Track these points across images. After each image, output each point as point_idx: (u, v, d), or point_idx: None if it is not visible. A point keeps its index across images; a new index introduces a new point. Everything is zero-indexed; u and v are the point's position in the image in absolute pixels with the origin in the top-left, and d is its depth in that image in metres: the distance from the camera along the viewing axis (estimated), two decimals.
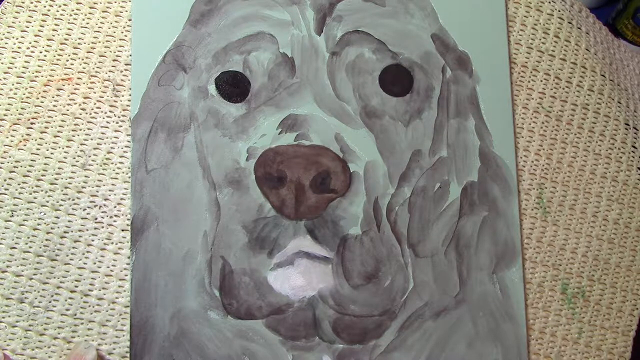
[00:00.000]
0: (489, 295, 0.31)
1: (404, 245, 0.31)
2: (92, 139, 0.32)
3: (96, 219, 0.31)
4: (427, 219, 0.31)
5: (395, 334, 0.31)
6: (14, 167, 0.31)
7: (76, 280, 0.31)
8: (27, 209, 0.31)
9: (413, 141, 0.32)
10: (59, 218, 0.31)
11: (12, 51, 0.32)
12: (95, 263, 0.31)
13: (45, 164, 0.31)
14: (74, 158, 0.31)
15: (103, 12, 0.32)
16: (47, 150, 0.31)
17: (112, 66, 0.32)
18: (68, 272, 0.31)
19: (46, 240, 0.31)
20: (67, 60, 0.32)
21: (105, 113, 0.32)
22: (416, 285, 0.31)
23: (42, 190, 0.31)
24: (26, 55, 0.32)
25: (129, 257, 0.31)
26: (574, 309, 0.32)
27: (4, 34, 0.32)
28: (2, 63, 0.32)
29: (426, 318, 0.31)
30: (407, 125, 0.32)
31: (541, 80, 0.34)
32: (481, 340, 0.31)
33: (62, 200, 0.31)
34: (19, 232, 0.31)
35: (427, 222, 0.31)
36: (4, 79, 0.32)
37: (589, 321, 0.32)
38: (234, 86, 0.32)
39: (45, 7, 0.32)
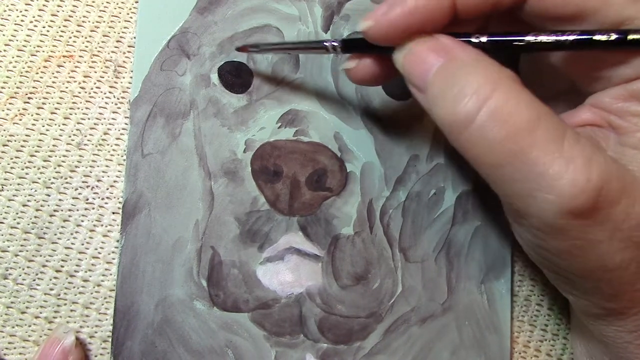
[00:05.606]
0: (476, 304, 0.32)
1: (395, 248, 0.32)
2: (89, 119, 0.32)
3: (87, 199, 0.31)
4: (420, 224, 0.32)
5: (380, 337, 0.31)
6: (8, 140, 0.31)
7: (62, 260, 0.31)
8: (18, 184, 0.31)
9: (411, 145, 0.32)
10: (49, 196, 0.31)
11: (15, 24, 0.32)
12: (83, 244, 0.31)
13: (39, 140, 0.31)
14: (70, 136, 0.32)
15: None
16: (43, 126, 0.31)
17: (115, 47, 0.32)
18: (55, 251, 0.31)
19: (35, 217, 0.31)
20: (70, 38, 0.32)
21: (105, 93, 0.32)
22: (404, 289, 0.31)
23: (34, 167, 0.31)
24: (28, 29, 0.32)
25: (117, 241, 0.31)
26: (559, 325, 0.32)
27: (7, 6, 0.32)
28: (3, 35, 0.32)
29: (412, 323, 0.31)
30: (407, 129, 0.32)
31: None
32: (465, 349, 0.31)
33: (54, 178, 0.31)
34: (7, 207, 0.31)
35: (419, 227, 0.32)
36: (4, 51, 0.32)
37: None
38: (236, 76, 0.32)
39: None
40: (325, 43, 0.28)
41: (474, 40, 0.24)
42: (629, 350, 0.26)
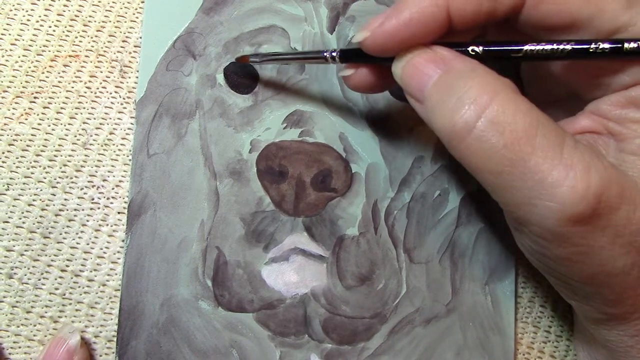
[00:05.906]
0: (480, 306, 0.32)
1: (400, 249, 0.32)
2: (95, 118, 0.32)
3: (93, 199, 0.31)
4: (425, 225, 0.32)
5: (385, 338, 0.31)
6: (14, 140, 0.31)
7: (67, 260, 0.31)
8: (24, 183, 0.31)
9: (416, 147, 0.32)
10: (55, 195, 0.31)
11: (21, 23, 0.32)
12: (88, 244, 0.31)
13: (45, 139, 0.31)
14: (75, 136, 0.32)
15: None
16: (49, 126, 0.32)
17: (121, 47, 0.32)
18: (60, 250, 0.31)
19: (40, 217, 0.31)
20: (76, 37, 0.32)
21: (110, 93, 0.32)
22: (409, 290, 0.31)
23: (40, 166, 0.31)
24: (35, 29, 0.32)
25: (123, 240, 0.31)
26: (563, 326, 0.32)
27: (13, 5, 0.32)
28: (9, 34, 0.32)
29: (416, 324, 0.31)
30: (412, 131, 0.32)
31: None
32: (469, 350, 0.31)
33: (59, 177, 0.31)
34: (13, 206, 0.31)
35: (424, 228, 0.32)
36: (10, 50, 0.32)
37: None
38: (242, 77, 0.32)
39: None
40: (324, 53, 0.28)
41: (470, 51, 0.25)
42: (630, 355, 0.26)
